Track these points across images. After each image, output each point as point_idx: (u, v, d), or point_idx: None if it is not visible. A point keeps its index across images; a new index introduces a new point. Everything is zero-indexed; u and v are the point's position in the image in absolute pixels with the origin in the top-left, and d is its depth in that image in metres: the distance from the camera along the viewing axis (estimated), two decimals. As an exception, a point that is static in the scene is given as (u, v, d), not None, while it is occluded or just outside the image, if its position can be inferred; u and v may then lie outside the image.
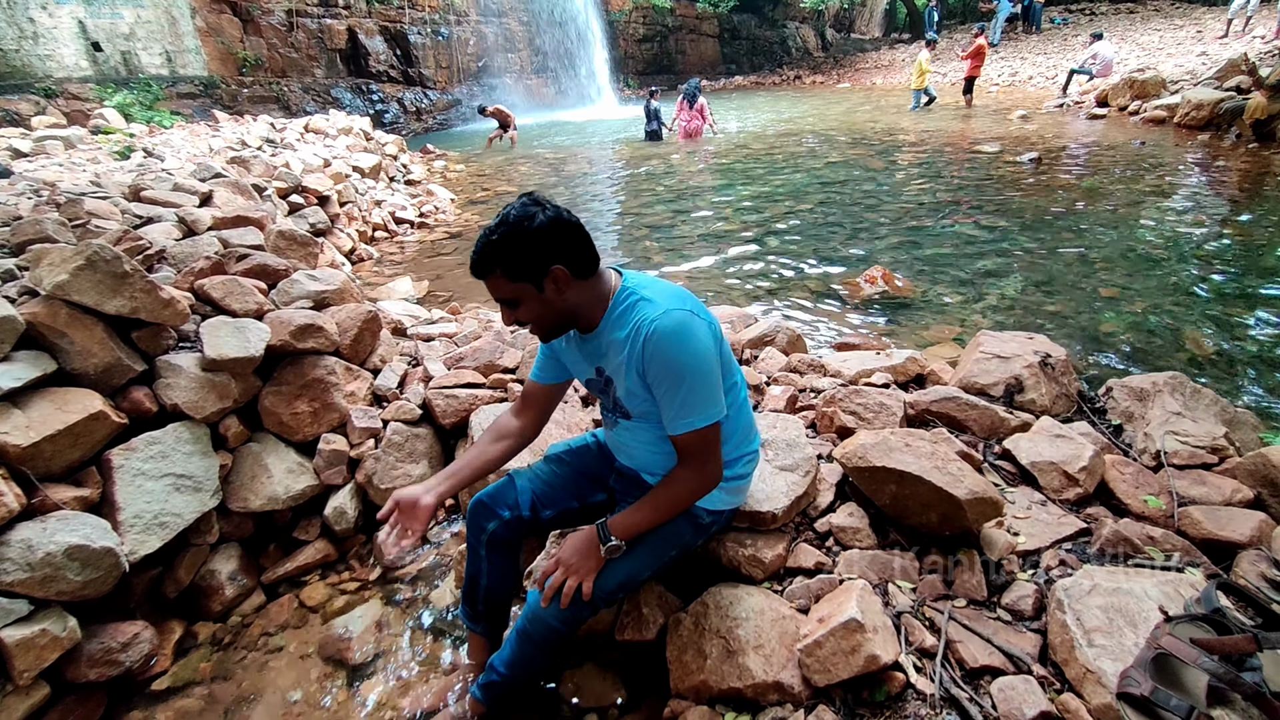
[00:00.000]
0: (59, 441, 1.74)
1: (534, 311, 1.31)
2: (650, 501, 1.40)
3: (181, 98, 12.64)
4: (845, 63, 25.62)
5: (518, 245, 1.23)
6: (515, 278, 1.26)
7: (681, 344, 1.26)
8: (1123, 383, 2.22)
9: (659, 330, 1.26)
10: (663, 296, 1.32)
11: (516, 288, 1.27)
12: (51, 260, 1.93)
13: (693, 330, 1.27)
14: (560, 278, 1.27)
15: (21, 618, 1.55)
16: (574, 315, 1.37)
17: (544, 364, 1.58)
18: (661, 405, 1.33)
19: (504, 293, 1.29)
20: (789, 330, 3.00)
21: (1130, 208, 5.46)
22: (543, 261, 1.25)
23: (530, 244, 1.23)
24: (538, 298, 1.29)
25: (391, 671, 1.84)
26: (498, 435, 1.60)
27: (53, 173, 4.93)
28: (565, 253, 1.27)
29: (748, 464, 1.55)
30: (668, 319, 1.26)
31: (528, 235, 1.23)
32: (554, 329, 1.39)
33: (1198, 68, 10.82)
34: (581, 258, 1.30)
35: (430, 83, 17.29)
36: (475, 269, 1.29)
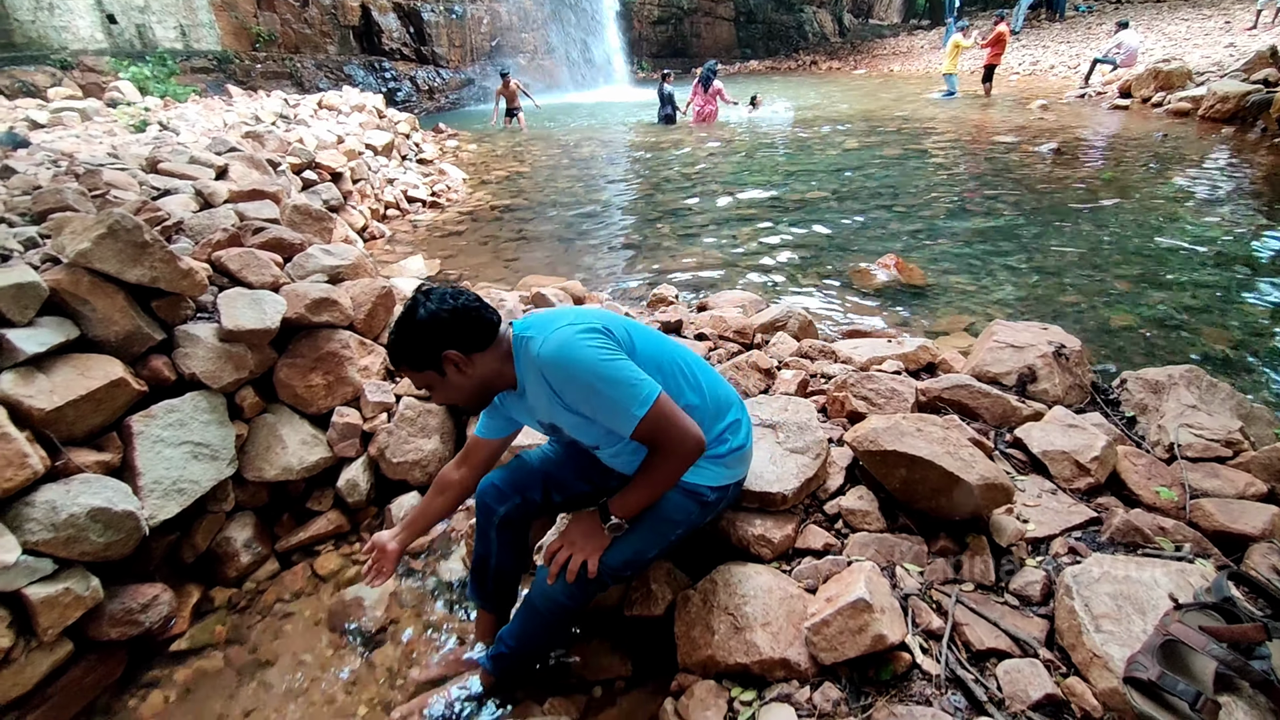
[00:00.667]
0: (81, 406, 1.77)
1: (448, 393, 1.41)
2: (645, 480, 1.41)
3: (195, 72, 12.64)
4: (863, 49, 25.23)
5: (408, 342, 1.34)
6: (417, 369, 1.37)
7: (571, 357, 1.29)
8: (1137, 375, 2.21)
9: (544, 357, 1.31)
10: (542, 326, 1.36)
11: (423, 377, 1.38)
12: (74, 228, 1.94)
13: (574, 340, 1.31)
14: (456, 360, 1.35)
15: (46, 576, 1.59)
16: (487, 385, 1.43)
17: (488, 421, 1.62)
18: (598, 419, 1.35)
19: (416, 383, 1.41)
20: (800, 315, 3.00)
21: (1150, 201, 5.39)
22: (433, 350, 1.34)
23: (416, 339, 1.33)
24: (443, 382, 1.38)
25: (401, 640, 1.87)
26: (439, 490, 1.66)
27: (70, 144, 4.95)
28: (451, 337, 1.34)
29: (734, 434, 1.52)
30: (549, 344, 1.31)
31: (412, 332, 1.33)
32: (477, 401, 1.47)
33: (1225, 59, 10.58)
34: (470, 336, 1.36)
35: (443, 61, 17.18)
36: (390, 364, 1.39)
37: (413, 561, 2.15)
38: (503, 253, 5.22)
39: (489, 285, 4.15)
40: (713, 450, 1.47)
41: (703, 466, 1.48)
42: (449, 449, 2.44)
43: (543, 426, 1.54)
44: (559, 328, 1.33)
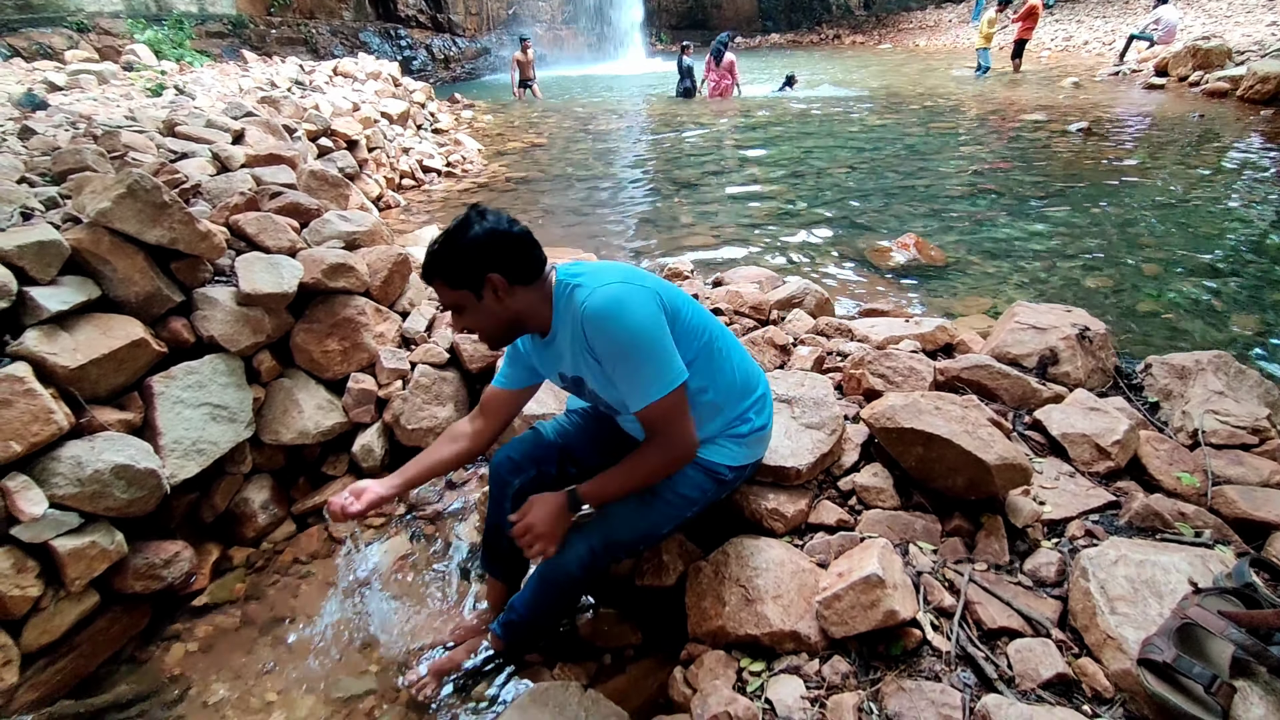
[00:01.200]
0: (104, 365, 1.79)
1: (477, 318, 1.34)
2: (624, 472, 1.38)
3: (210, 36, 12.57)
4: (888, 22, 24.56)
5: (453, 255, 1.27)
6: (455, 285, 1.29)
7: (617, 316, 1.25)
8: (1163, 360, 2.17)
9: (590, 309, 1.26)
10: (593, 276, 1.31)
11: (457, 295, 1.31)
12: (94, 188, 1.95)
13: (626, 300, 1.25)
14: (498, 285, 1.29)
15: (73, 529, 1.63)
16: (520, 321, 1.37)
17: (510, 370, 1.57)
18: (617, 384, 1.31)
19: (447, 300, 1.33)
20: (817, 293, 2.96)
21: (1181, 184, 5.23)
22: (478, 270, 1.27)
23: (465, 254, 1.26)
24: (478, 305, 1.31)
25: (413, 603, 1.91)
26: (451, 438, 1.60)
27: (87, 106, 4.95)
28: (501, 261, 1.28)
29: (758, 414, 1.51)
30: (597, 296, 1.26)
31: (462, 246, 1.26)
32: (501, 336, 1.40)
33: (1266, 38, 10.18)
34: (520, 265, 1.30)
35: (459, 30, 16.96)
36: (423, 276, 1.33)
37: (426, 528, 2.18)
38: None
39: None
40: (734, 429, 1.47)
41: (723, 445, 1.48)
42: (463, 416, 2.46)
43: (564, 380, 1.50)
44: (610, 283, 1.28)
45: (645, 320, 1.26)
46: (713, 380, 1.44)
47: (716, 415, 1.48)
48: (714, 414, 1.47)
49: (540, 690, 1.47)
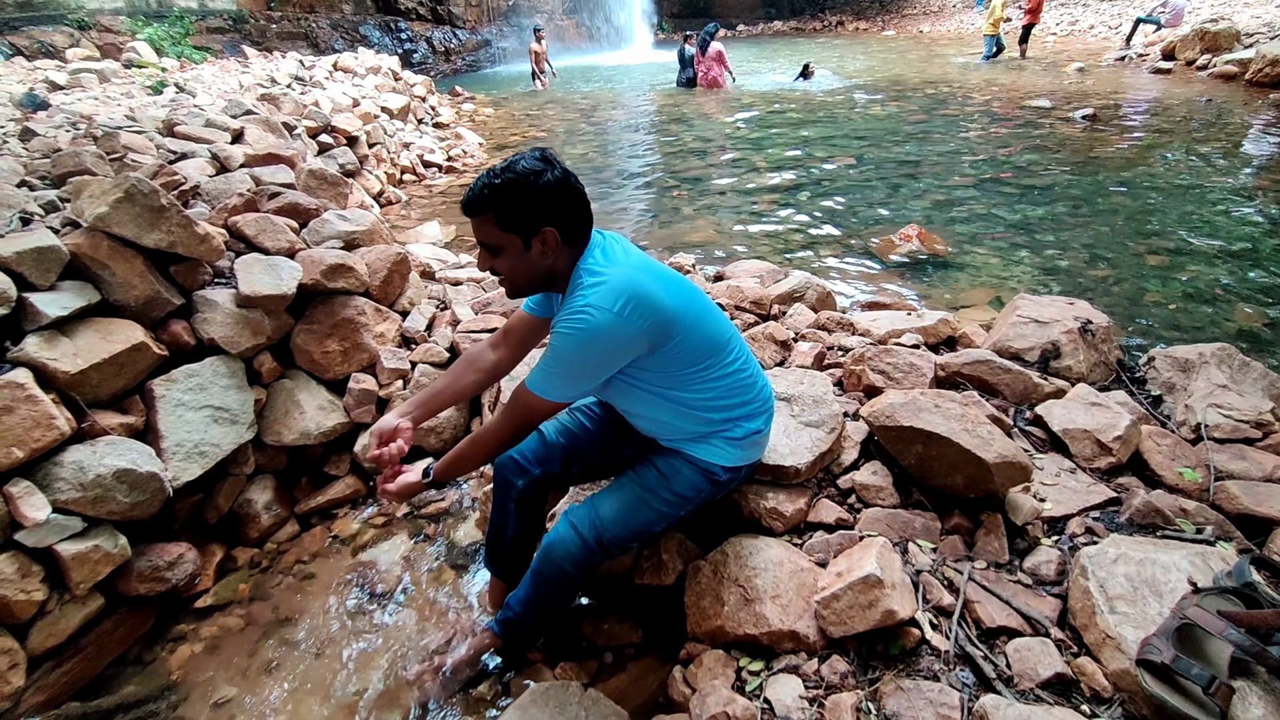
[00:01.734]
0: (105, 370, 1.80)
1: (512, 264, 1.28)
2: (464, 444, 1.43)
3: (211, 32, 12.54)
4: (891, 8, 24.29)
5: (518, 197, 1.20)
6: (506, 227, 1.23)
7: (580, 316, 1.22)
8: (1166, 352, 2.15)
9: (574, 307, 1.23)
10: (606, 266, 1.26)
11: (504, 237, 1.24)
12: (92, 192, 1.95)
13: (592, 325, 1.21)
14: (550, 240, 1.25)
15: (76, 533, 1.64)
16: (550, 279, 1.33)
17: (542, 298, 1.55)
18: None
19: (490, 238, 1.26)
20: (819, 287, 2.95)
21: (1189, 171, 5.17)
22: (538, 219, 1.22)
23: (531, 199, 1.21)
24: (521, 253, 1.26)
25: (416, 602, 1.92)
26: (472, 366, 1.57)
27: (88, 106, 4.95)
28: (562, 217, 1.24)
29: (753, 419, 1.49)
30: (582, 294, 1.23)
31: (531, 190, 1.20)
32: (526, 287, 1.35)
33: (1277, 19, 10.03)
34: (576, 225, 1.28)
35: (460, 21, 16.86)
36: (468, 207, 1.25)
37: (427, 527, 2.19)
38: (518, 219, 5.17)
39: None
40: (730, 432, 1.46)
41: (719, 446, 1.47)
42: (463, 416, 2.46)
43: None
44: (605, 305, 1.21)
45: (591, 341, 1.23)
46: (717, 384, 1.43)
47: (715, 416, 1.46)
48: (713, 415, 1.46)
49: (541, 690, 1.47)
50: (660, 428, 1.49)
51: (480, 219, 1.25)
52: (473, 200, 1.24)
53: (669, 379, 1.38)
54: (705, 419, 1.44)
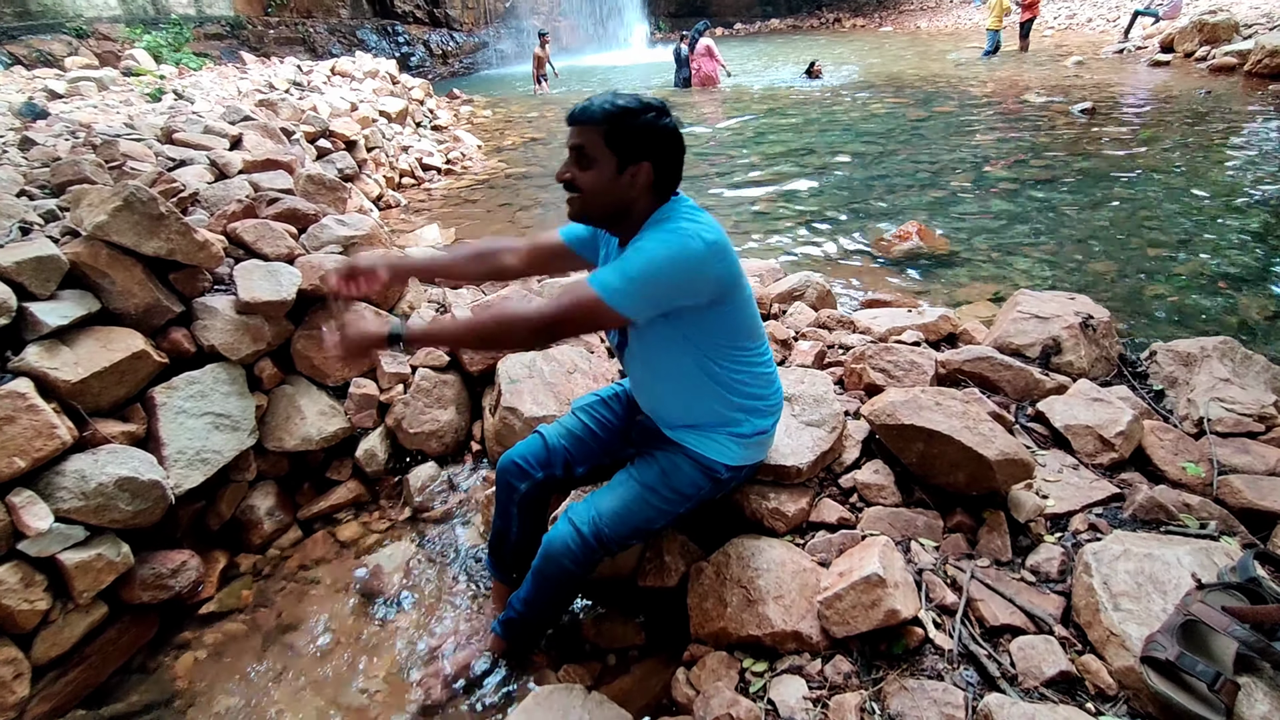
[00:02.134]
0: (105, 378, 1.81)
1: (596, 182, 1.27)
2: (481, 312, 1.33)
3: (209, 38, 12.56)
4: (889, 4, 24.28)
5: (636, 122, 1.23)
6: (611, 144, 1.24)
7: (669, 238, 1.22)
8: (1168, 346, 2.14)
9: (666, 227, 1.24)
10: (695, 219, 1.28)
11: (605, 153, 1.25)
12: (91, 201, 1.95)
13: (688, 243, 1.21)
14: (642, 175, 1.26)
15: (79, 542, 1.65)
16: (622, 215, 1.31)
17: (580, 231, 1.51)
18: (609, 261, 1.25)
19: (591, 148, 1.25)
20: (819, 285, 2.94)
21: (1188, 164, 5.16)
22: (642, 151, 1.25)
23: (646, 130, 1.24)
24: (612, 175, 1.26)
25: (419, 606, 1.92)
26: (478, 254, 1.55)
27: (87, 114, 4.97)
28: (663, 161, 1.27)
29: (764, 416, 1.49)
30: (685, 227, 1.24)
31: (650, 123, 1.24)
32: (595, 211, 1.32)
33: (1275, 10, 9.99)
34: (669, 176, 1.30)
35: (457, 24, 16.87)
36: (582, 113, 1.26)
37: (431, 530, 2.19)
38: (518, 220, 5.18)
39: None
40: (737, 427, 1.46)
41: (723, 444, 1.47)
42: (464, 419, 2.47)
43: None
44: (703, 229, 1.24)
45: (682, 258, 1.21)
46: (748, 369, 1.44)
47: (737, 400, 1.44)
48: (735, 398, 1.44)
49: (545, 693, 1.47)
50: (677, 404, 1.47)
51: (590, 127, 1.25)
52: (589, 108, 1.25)
53: (712, 346, 1.37)
54: (728, 400, 1.43)
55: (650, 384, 1.52)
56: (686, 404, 1.46)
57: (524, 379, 2.20)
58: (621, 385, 1.74)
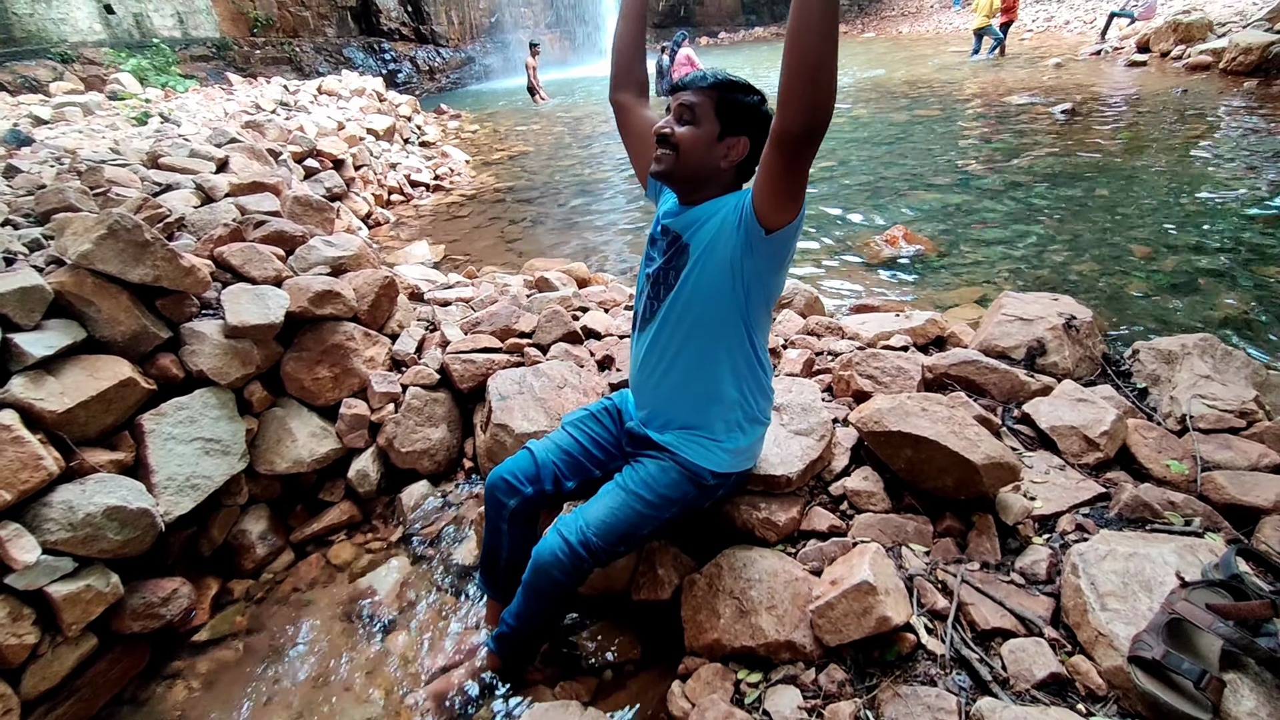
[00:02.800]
0: (92, 407, 1.80)
1: (694, 142, 1.33)
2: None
3: (195, 60, 12.58)
4: (870, 10, 24.58)
5: (745, 97, 1.32)
6: (719, 111, 1.32)
7: None
8: (1150, 345, 2.17)
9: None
10: None
11: (710, 116, 1.32)
12: (75, 229, 1.95)
13: None
14: (738, 149, 1.35)
15: (67, 574, 1.63)
16: (705, 182, 1.37)
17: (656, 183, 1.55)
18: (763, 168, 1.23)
19: (700, 109, 1.32)
20: (806, 292, 2.96)
21: (1167, 162, 5.23)
22: (744, 127, 1.33)
23: (753, 110, 1.33)
24: (712, 140, 1.33)
25: (415, 627, 1.91)
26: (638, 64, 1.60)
27: (73, 140, 4.96)
28: (758, 141, 1.33)
29: (757, 426, 1.54)
30: None
31: (757, 106, 1.34)
32: (684, 172, 1.36)
33: (1247, 8, 10.16)
34: (756, 160, 1.33)
35: (443, 40, 16.96)
36: (695, 80, 1.33)
37: (425, 549, 2.18)
38: (508, 234, 5.20)
39: (494, 269, 4.14)
40: (732, 434, 1.49)
41: (711, 450, 1.49)
42: (456, 437, 2.47)
43: (659, 242, 1.46)
44: None
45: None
46: (761, 361, 1.49)
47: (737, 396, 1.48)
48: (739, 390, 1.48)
49: (542, 710, 1.47)
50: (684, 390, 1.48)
51: (705, 91, 1.32)
52: (703, 77, 1.33)
53: (759, 307, 1.41)
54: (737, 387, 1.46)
55: (655, 381, 1.51)
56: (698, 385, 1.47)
57: (514, 395, 2.20)
58: (611, 400, 1.74)
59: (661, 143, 1.35)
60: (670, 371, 1.49)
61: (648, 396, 1.57)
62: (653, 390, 1.55)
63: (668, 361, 1.48)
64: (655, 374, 1.52)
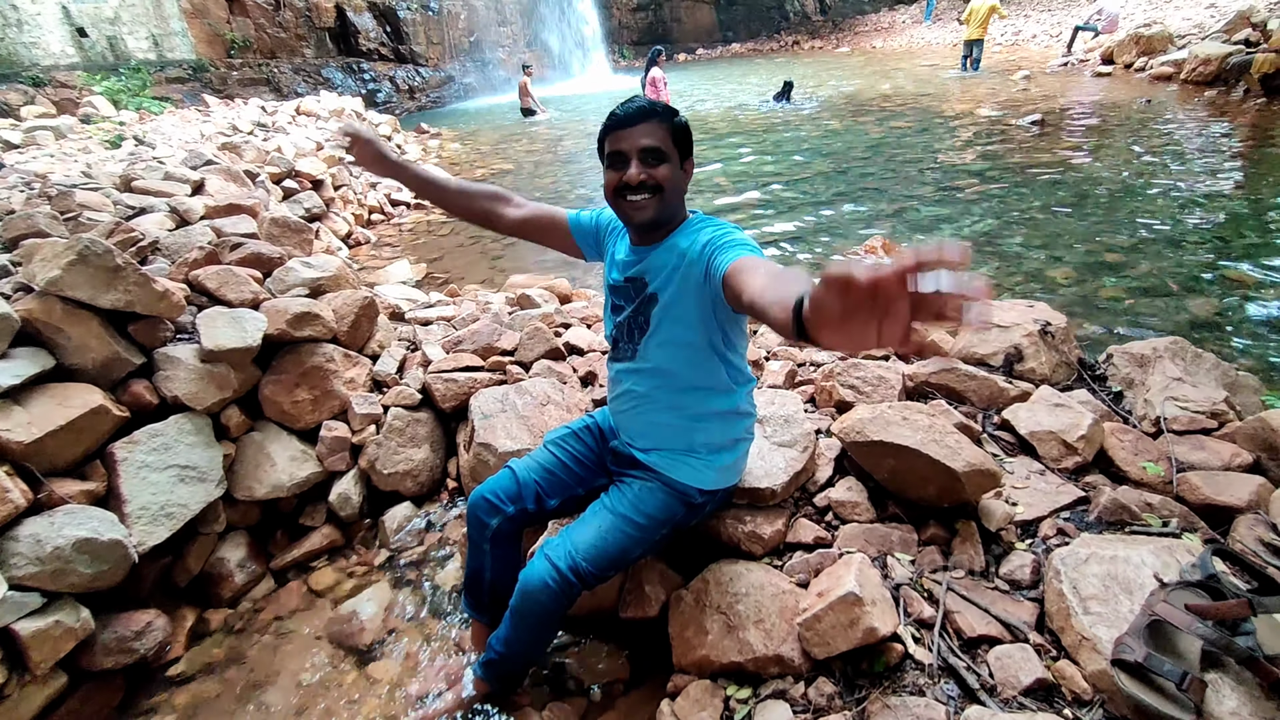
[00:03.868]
0: (62, 437, 1.75)
1: (671, 174, 1.34)
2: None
3: (170, 82, 12.48)
4: (845, 26, 25.10)
5: (682, 120, 1.37)
6: (675, 140, 1.34)
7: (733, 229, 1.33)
8: (1123, 349, 2.21)
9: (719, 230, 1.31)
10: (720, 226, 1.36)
11: (671, 147, 1.34)
12: (44, 256, 1.92)
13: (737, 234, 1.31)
14: (689, 172, 1.40)
15: (35, 610, 1.58)
16: (675, 211, 1.39)
17: (585, 220, 1.60)
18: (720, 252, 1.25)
19: (661, 143, 1.32)
20: (788, 304, 2.98)
21: (1134, 169, 5.37)
22: (689, 147, 1.39)
23: (687, 128, 1.38)
24: (678, 168, 1.36)
25: (399, 653, 1.87)
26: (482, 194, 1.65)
27: (44, 164, 4.89)
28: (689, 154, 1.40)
29: (741, 442, 1.56)
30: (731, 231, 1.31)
31: (686, 122, 1.39)
32: (670, 206, 1.36)
33: (1206, 20, 10.53)
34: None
35: (422, 60, 17.00)
36: (647, 111, 1.32)
37: (409, 573, 2.15)
38: (489, 252, 5.20)
39: (475, 287, 4.12)
40: (717, 454, 1.49)
41: (697, 468, 1.48)
42: (439, 457, 2.44)
43: (623, 289, 1.46)
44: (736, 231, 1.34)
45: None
46: (743, 389, 1.49)
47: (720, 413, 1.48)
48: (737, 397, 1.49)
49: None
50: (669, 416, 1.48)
51: (657, 124, 1.32)
52: (648, 105, 1.33)
53: (736, 334, 1.43)
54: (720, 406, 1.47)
55: (638, 409, 1.52)
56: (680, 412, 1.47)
57: (497, 413, 2.18)
58: (593, 417, 1.74)
59: (640, 190, 1.32)
60: (651, 403, 1.50)
61: (629, 425, 1.58)
62: (633, 419, 1.55)
63: (649, 396, 1.49)
64: (637, 407, 1.53)
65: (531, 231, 1.64)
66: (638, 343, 1.45)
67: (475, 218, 1.65)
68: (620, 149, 1.32)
